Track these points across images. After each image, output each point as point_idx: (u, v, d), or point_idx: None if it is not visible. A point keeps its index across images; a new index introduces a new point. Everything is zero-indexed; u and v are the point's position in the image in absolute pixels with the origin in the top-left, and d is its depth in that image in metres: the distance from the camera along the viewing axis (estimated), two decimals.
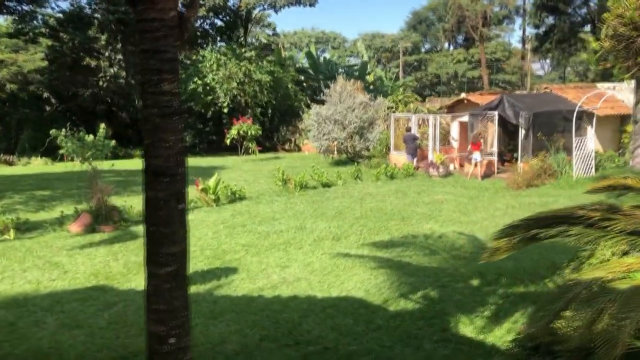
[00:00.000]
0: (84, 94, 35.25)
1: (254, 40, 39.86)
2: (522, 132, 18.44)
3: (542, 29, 31.78)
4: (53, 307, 7.25)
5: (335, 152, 24.53)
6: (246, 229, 11.77)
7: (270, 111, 33.66)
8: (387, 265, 8.58)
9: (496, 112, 18.83)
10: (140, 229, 12.02)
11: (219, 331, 6.11)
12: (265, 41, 41.19)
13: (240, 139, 27.89)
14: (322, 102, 25.11)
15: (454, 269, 8.15)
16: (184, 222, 3.37)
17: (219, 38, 36.43)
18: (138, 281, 8.41)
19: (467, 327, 5.86)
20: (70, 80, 34.85)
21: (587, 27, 31.51)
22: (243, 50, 33.04)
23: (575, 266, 6.88)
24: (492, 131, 19.80)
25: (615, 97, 20.65)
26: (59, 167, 25.51)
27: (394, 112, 25.98)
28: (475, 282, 7.45)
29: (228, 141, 27.69)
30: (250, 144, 27.49)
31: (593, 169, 17.57)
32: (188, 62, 33.39)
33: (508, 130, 20.35)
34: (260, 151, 29.37)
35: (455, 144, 23.12)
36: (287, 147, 35.92)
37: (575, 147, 16.91)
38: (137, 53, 3.26)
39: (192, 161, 28.77)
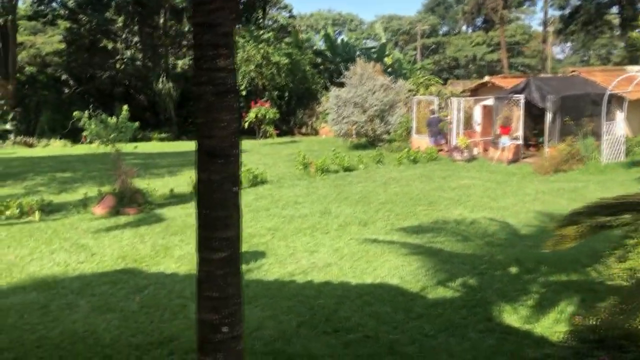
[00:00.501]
0: (102, 76, 35.28)
1: (270, 22, 39.46)
2: (549, 116, 18.08)
3: (567, 10, 31.12)
4: (83, 290, 7.19)
5: (354, 136, 24.31)
6: (270, 212, 11.66)
7: (287, 94, 33.46)
8: (419, 251, 8.41)
9: (522, 96, 18.47)
10: (164, 211, 12.00)
11: (255, 316, 6.00)
12: (283, 22, 40.77)
13: (257, 122, 27.75)
14: (341, 85, 24.86)
15: (490, 256, 7.96)
16: (238, 205, 3.21)
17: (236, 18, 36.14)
18: (167, 264, 8.34)
19: (512, 317, 5.69)
20: (88, 63, 34.88)
21: (614, 9, 30.81)
22: (261, 32, 32.76)
23: (620, 255, 6.66)
24: (518, 115, 19.43)
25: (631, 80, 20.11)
26: (78, 149, 25.60)
27: (414, 95, 25.65)
28: (513, 270, 7.27)
29: (246, 124, 27.56)
30: (268, 128, 27.34)
31: (623, 154, 17.20)
32: None
33: (533, 115, 19.94)
34: (277, 135, 29.24)
35: (478, 128, 22.79)
36: (304, 130, 35.75)
37: (605, 131, 16.54)
38: (192, 27, 3.09)
39: None
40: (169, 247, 9.22)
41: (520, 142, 18.82)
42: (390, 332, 5.39)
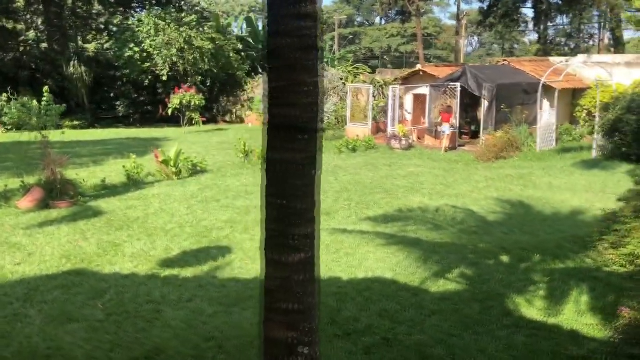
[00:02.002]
0: (4, 58, 32.25)
1: (191, 6, 37.69)
2: (484, 105, 18.29)
3: (485, 3, 32.02)
4: (31, 296, 6.14)
5: None
6: (221, 204, 10.83)
7: (210, 81, 32.12)
8: (397, 241, 7.97)
9: (459, 84, 18.55)
10: (100, 204, 10.83)
11: (250, 322, 5.28)
12: (205, 6, 39.13)
13: (182, 109, 26.38)
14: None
15: (473, 245, 7.65)
16: (319, 194, 2.54)
17: (154, 1, 34.10)
18: (120, 264, 7.38)
19: (530, 310, 5.34)
20: None
21: (529, 3, 32.03)
22: (183, 15, 31.15)
23: (614, 241, 6.51)
24: (453, 103, 19.51)
25: (569, 72, 20.88)
26: None
27: (343, 83, 25.29)
28: (505, 259, 6.97)
29: (169, 111, 26.12)
30: (194, 115, 26.05)
31: (554, 142, 17.70)
32: (124, 25, 31.21)
33: (464, 103, 20.18)
34: (203, 123, 28.00)
35: (409, 117, 22.82)
36: (227, 118, 34.56)
37: (540, 120, 16.92)
38: None
39: (129, 132, 27.04)
40: (118, 245, 8.21)
41: (456, 130, 18.92)
42: (410, 333, 4.87)
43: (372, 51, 72.61)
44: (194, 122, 26.45)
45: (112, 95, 34.28)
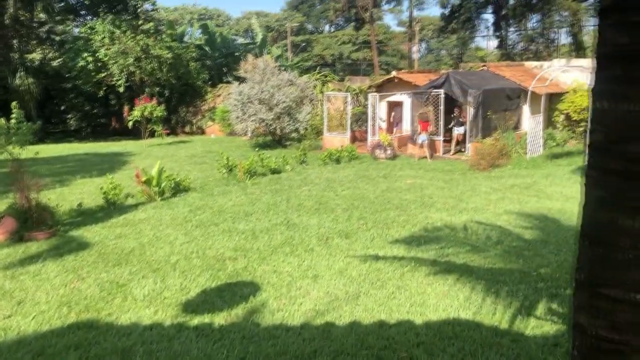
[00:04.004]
0: None
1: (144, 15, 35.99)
2: (469, 111, 17.77)
3: (447, 10, 31.89)
4: None
5: (249, 135, 22.60)
6: (222, 228, 9.70)
7: (168, 91, 30.62)
8: (444, 269, 7.09)
9: (442, 91, 17.98)
10: (82, 233, 9.51)
11: None
12: (160, 16, 37.51)
13: (142, 121, 24.86)
14: (238, 79, 22.98)
15: (534, 270, 6.87)
16: None
17: (107, 8, 32.20)
18: (134, 310, 6.18)
19: None
20: None
21: (489, 9, 32.11)
22: (140, 22, 29.56)
23: None
24: (430, 110, 18.92)
25: (543, 76, 20.72)
26: None
27: (311, 91, 24.44)
28: None
29: (130, 123, 24.54)
30: (156, 127, 24.57)
31: (541, 148, 17.35)
32: (74, 34, 29.30)
33: (446, 110, 19.65)
34: (167, 135, 26.56)
35: (383, 125, 22.15)
36: (187, 130, 33.08)
37: (530, 126, 16.50)
38: None
39: (85, 147, 25.24)
40: (123, 285, 6.99)
41: (440, 138, 18.33)
42: None
43: (323, 58, 72.04)
44: (156, 135, 24.97)
45: (62, 108, 32.20)
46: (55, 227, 9.60)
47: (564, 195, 11.57)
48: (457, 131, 17.74)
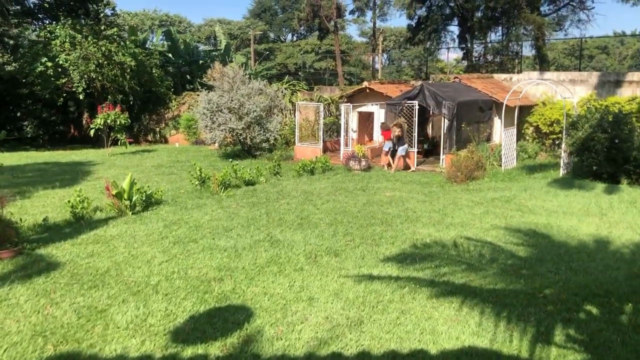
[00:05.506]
0: None
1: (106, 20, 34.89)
2: (444, 123, 17.67)
3: (414, 21, 31.99)
4: None
5: (216, 144, 22.08)
6: (201, 245, 9.17)
7: (132, 98, 29.68)
8: (445, 291, 6.78)
9: (416, 102, 17.83)
10: (51, 251, 8.84)
11: None
12: (123, 21, 36.46)
13: (106, 130, 23.96)
14: (203, 86, 22.36)
15: (538, 291, 6.61)
16: None
17: (64, 10, 30.99)
18: (120, 340, 5.63)
19: None
20: None
21: (455, 20, 32.39)
22: (102, 27, 28.56)
23: None
24: (402, 121, 18.75)
25: (516, 90, 20.87)
26: None
27: (280, 100, 24.01)
28: (592, 310, 5.96)
29: (92, 132, 23.59)
30: (119, 136, 23.69)
31: (515, 160, 17.37)
32: (38, 37, 28.09)
33: (418, 121, 19.55)
34: (130, 143, 25.68)
35: (354, 136, 21.96)
36: (150, 138, 32.18)
37: (504, 138, 16.48)
38: None
39: (44, 156, 24.09)
40: (102, 310, 6.41)
41: (414, 149, 18.17)
42: None
43: (286, 67, 71.62)
44: (119, 143, 24.08)
45: (18, 114, 30.81)
46: (21, 245, 8.88)
47: (546, 210, 11.47)
48: (401, 152, 17.39)
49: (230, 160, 17.65)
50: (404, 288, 6.90)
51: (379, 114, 20.59)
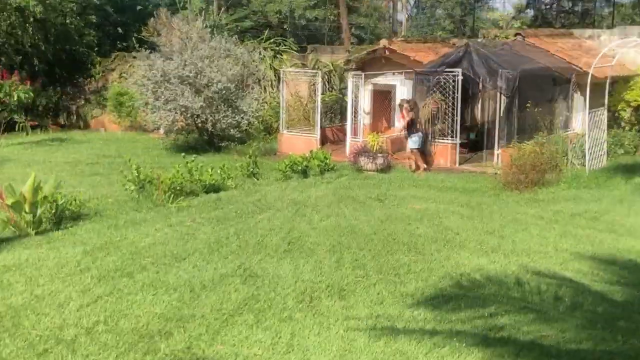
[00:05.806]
0: None
1: None
2: (500, 102, 17.82)
3: None
4: None
5: (161, 130, 22.26)
6: (139, 281, 9.23)
7: (36, 61, 29.83)
8: (507, 351, 6.85)
9: (459, 71, 17.95)
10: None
11: None
12: None
13: None
14: (152, 49, 22.54)
15: (635, 352, 6.70)
16: None
17: None
18: None
19: None
20: None
21: None
22: None
23: None
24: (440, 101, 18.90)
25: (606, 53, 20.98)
26: None
27: (256, 67, 24.16)
28: None
29: None
30: (17, 117, 23.90)
31: (605, 157, 17.49)
32: None
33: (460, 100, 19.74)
34: (33, 128, 25.94)
35: (366, 120, 22.11)
36: (62, 121, 32.18)
37: (590, 125, 16.58)
38: None
39: None
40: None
41: (457, 140, 18.31)
42: None
43: (266, 17, 71.56)
44: (17, 128, 24.31)
45: None
46: None
47: None
48: (412, 144, 17.73)
49: (184, 154, 17.71)
50: (442, 347, 6.95)
51: (403, 89, 20.69)
